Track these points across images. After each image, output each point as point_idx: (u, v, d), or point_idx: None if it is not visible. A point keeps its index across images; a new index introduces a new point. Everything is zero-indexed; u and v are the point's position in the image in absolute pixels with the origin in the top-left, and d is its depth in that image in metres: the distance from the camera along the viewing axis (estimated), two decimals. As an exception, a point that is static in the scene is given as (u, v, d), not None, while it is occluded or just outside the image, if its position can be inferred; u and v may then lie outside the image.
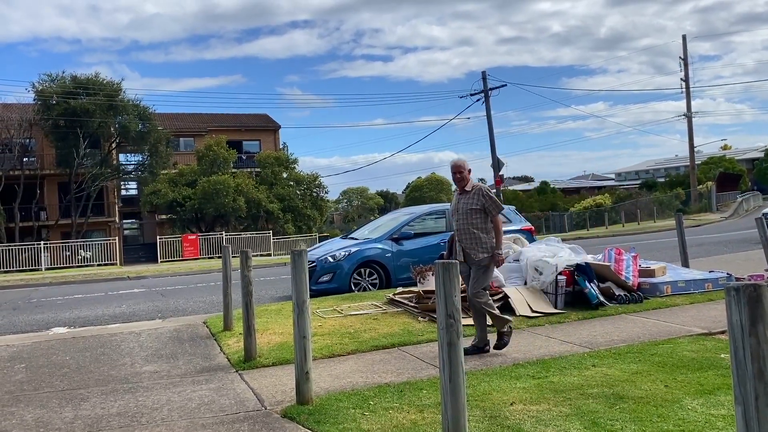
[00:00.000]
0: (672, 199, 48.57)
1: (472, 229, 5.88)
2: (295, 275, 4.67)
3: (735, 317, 2.02)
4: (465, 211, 5.93)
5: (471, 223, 5.89)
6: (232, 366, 6.00)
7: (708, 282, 8.54)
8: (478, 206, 5.90)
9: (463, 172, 6.05)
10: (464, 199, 5.99)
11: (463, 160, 6.16)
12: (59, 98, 33.03)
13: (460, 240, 5.99)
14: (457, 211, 6.03)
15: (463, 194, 6.03)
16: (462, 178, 6.04)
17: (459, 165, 6.08)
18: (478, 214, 5.91)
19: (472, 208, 5.90)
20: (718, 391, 4.33)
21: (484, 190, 6.01)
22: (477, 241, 5.87)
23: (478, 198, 5.93)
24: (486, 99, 31.32)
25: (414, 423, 4.05)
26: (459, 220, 6.00)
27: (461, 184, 6.06)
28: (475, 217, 5.91)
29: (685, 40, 44.90)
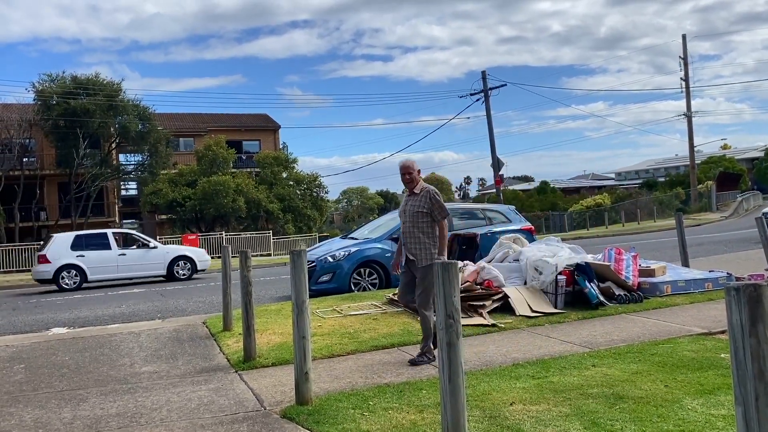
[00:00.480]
0: (672, 198, 48.57)
1: (417, 233, 5.70)
2: (295, 275, 4.66)
3: (735, 317, 2.01)
4: (411, 213, 5.74)
5: (417, 226, 5.71)
6: (231, 366, 6.00)
7: (708, 282, 8.54)
8: (425, 209, 5.71)
9: (411, 173, 5.83)
10: (412, 201, 5.80)
11: (412, 160, 5.93)
12: (59, 98, 33.02)
13: (405, 244, 5.81)
14: (404, 213, 5.85)
15: (412, 196, 5.83)
16: (411, 179, 5.82)
17: (407, 166, 5.85)
18: (425, 218, 5.71)
19: (418, 210, 5.71)
20: (718, 391, 4.32)
21: (431, 192, 5.79)
22: (422, 246, 5.68)
23: (425, 201, 5.72)
24: (486, 99, 31.30)
25: (414, 423, 4.04)
26: (405, 222, 5.81)
27: (410, 186, 5.85)
28: (421, 221, 5.71)
29: (685, 40, 44.92)
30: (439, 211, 5.71)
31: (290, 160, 40.18)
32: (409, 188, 5.88)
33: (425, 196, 5.75)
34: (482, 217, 12.37)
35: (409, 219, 5.77)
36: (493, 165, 30.85)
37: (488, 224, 12.06)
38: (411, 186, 5.84)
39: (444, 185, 68.78)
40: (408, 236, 5.77)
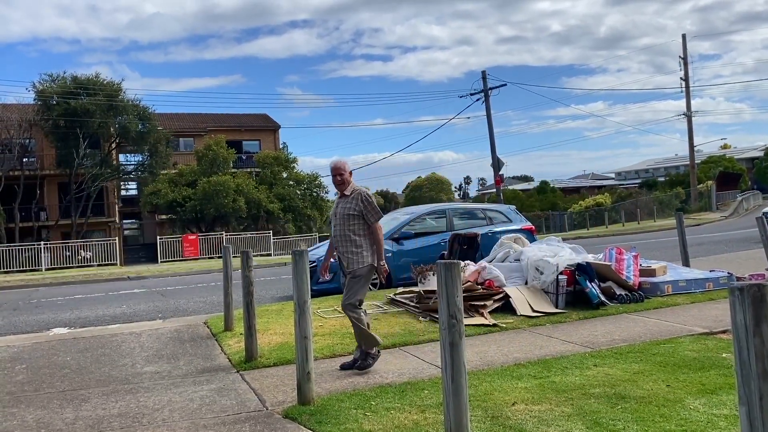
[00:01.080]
0: (672, 198, 48.59)
1: (350, 236, 5.49)
2: (296, 275, 4.66)
3: (739, 317, 2.02)
4: (343, 216, 5.52)
5: (349, 229, 5.49)
6: (233, 366, 6.00)
7: (709, 281, 8.54)
8: (356, 212, 5.48)
9: (343, 174, 5.58)
10: (343, 203, 5.57)
11: (344, 161, 5.70)
12: (59, 98, 33.04)
13: (337, 247, 5.62)
14: (335, 216, 5.63)
15: (343, 198, 5.61)
16: (342, 180, 5.58)
17: (338, 167, 5.60)
18: (356, 221, 5.50)
19: (350, 213, 5.49)
20: (720, 391, 4.32)
21: (363, 194, 5.57)
22: (354, 249, 5.48)
23: (357, 203, 5.50)
24: (486, 98, 31.30)
25: (416, 423, 4.04)
26: (336, 225, 5.59)
27: (341, 188, 5.62)
28: (352, 224, 5.50)
29: (685, 40, 44.90)
30: (372, 213, 5.51)
31: (290, 160, 40.19)
32: (340, 190, 5.65)
33: (356, 198, 5.52)
34: (483, 216, 12.37)
35: (339, 222, 5.55)
36: (493, 165, 30.85)
37: (489, 224, 12.06)
38: (342, 188, 5.62)
39: (444, 185, 68.79)
40: (340, 240, 5.55)
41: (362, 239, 5.50)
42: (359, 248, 5.49)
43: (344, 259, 5.54)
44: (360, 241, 5.49)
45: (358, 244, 5.48)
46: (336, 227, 5.60)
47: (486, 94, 31.27)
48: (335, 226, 5.62)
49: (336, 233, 5.60)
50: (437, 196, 62.73)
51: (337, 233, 5.57)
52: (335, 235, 5.61)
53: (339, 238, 5.56)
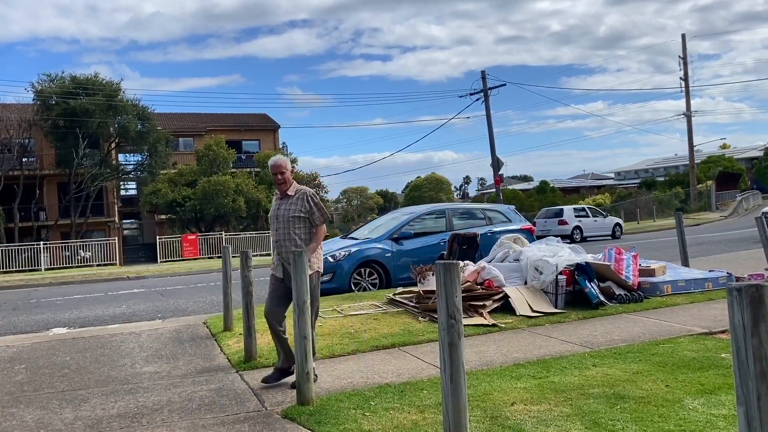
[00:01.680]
0: (671, 198, 48.62)
1: (296, 240, 5.14)
2: (295, 275, 4.66)
3: (737, 317, 2.02)
4: (287, 218, 5.17)
5: (294, 232, 5.15)
6: (232, 366, 6.00)
7: (708, 281, 8.55)
8: (303, 213, 5.18)
9: (284, 173, 5.24)
10: (286, 204, 5.22)
11: (284, 159, 5.37)
12: (58, 98, 33.04)
13: (279, 252, 5.21)
14: (277, 219, 5.24)
15: (285, 199, 5.26)
16: (284, 180, 5.24)
17: (279, 165, 5.26)
18: (302, 223, 5.18)
19: (295, 215, 5.15)
20: (719, 391, 4.33)
21: (309, 194, 5.26)
22: None
23: (303, 204, 5.19)
24: (485, 98, 31.31)
25: (415, 423, 4.05)
26: (279, 229, 5.20)
27: (283, 187, 5.28)
28: (298, 226, 5.17)
29: (685, 39, 44.93)
30: (320, 215, 5.23)
31: (290, 160, 40.14)
32: (281, 190, 5.30)
33: (302, 199, 5.21)
34: (482, 216, 12.38)
35: (283, 224, 5.19)
36: (492, 164, 30.86)
37: (488, 224, 12.07)
38: (284, 187, 5.28)
39: (443, 185, 68.75)
40: (283, 244, 5.18)
41: (309, 242, 5.21)
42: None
43: (287, 266, 5.13)
44: (307, 243, 5.18)
45: (305, 247, 5.12)
46: (279, 230, 5.21)
47: (485, 93, 31.28)
48: (277, 230, 5.23)
49: (279, 237, 5.21)
50: (437, 196, 62.71)
51: (281, 237, 5.19)
52: (278, 239, 5.21)
53: (283, 242, 5.18)
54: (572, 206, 30.03)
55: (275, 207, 5.34)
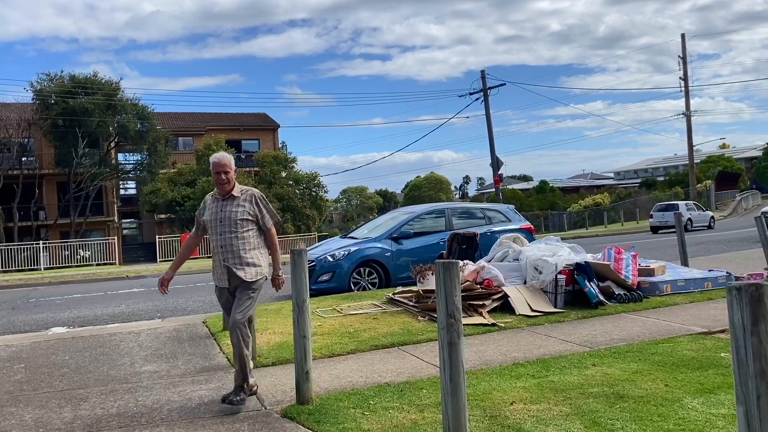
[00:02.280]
0: (671, 197, 48.64)
1: (244, 244, 4.74)
2: (295, 275, 4.66)
3: (737, 316, 2.02)
4: (232, 221, 4.74)
5: (241, 236, 4.74)
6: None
7: (707, 281, 8.55)
8: (251, 215, 4.79)
9: (229, 172, 4.81)
10: (230, 206, 4.79)
11: (229, 157, 4.91)
12: (58, 98, 33.05)
13: (224, 259, 4.75)
14: (220, 222, 4.77)
15: (229, 200, 4.82)
16: (227, 179, 4.80)
17: (224, 163, 4.81)
18: (250, 226, 4.79)
19: (244, 218, 4.75)
20: (719, 390, 4.33)
21: (257, 196, 4.88)
22: (247, 260, 4.73)
23: (251, 205, 4.81)
24: (485, 98, 31.31)
25: (414, 423, 4.04)
26: (223, 233, 4.75)
27: (226, 188, 4.82)
28: (246, 229, 4.77)
29: (684, 39, 44.92)
30: (270, 217, 4.87)
31: (289, 160, 40.18)
32: (224, 190, 4.83)
33: (250, 201, 4.83)
34: (482, 216, 12.38)
35: (228, 229, 4.75)
36: (492, 164, 30.86)
37: (488, 223, 12.07)
38: (227, 188, 4.82)
39: (443, 184, 68.78)
40: (228, 250, 4.74)
41: (257, 248, 4.82)
42: (254, 258, 4.79)
43: (234, 273, 4.73)
44: (255, 250, 4.80)
45: (252, 254, 4.78)
46: (222, 235, 4.76)
47: (485, 93, 31.28)
48: (221, 233, 4.76)
49: (223, 242, 4.75)
50: (436, 195, 62.73)
51: (225, 242, 4.74)
52: (222, 244, 4.75)
53: (227, 248, 4.74)
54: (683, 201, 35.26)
55: (216, 209, 4.83)
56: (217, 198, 4.87)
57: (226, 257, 4.74)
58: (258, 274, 4.76)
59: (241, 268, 4.73)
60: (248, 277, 4.72)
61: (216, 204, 4.85)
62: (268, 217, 4.86)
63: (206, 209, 4.92)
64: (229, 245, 4.74)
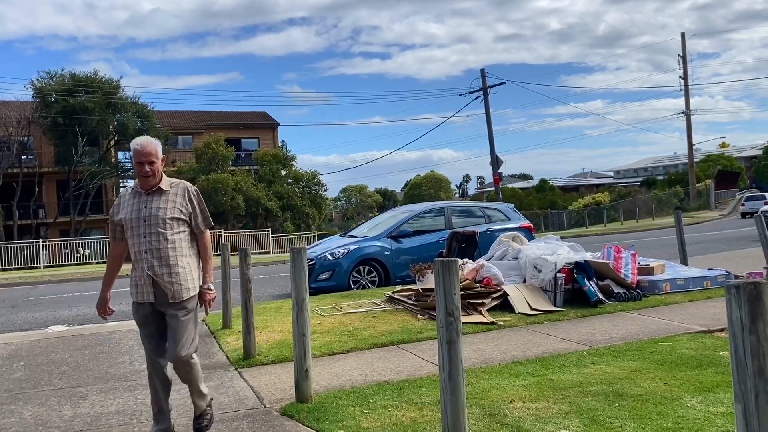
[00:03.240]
0: (671, 196, 48.70)
1: (170, 250, 3.83)
2: (295, 273, 4.66)
3: (735, 315, 2.02)
4: (160, 220, 3.82)
5: (171, 240, 3.83)
6: (231, 364, 6.00)
7: (707, 280, 8.55)
8: (184, 214, 3.91)
9: (155, 162, 3.89)
10: (158, 202, 3.87)
11: (156, 143, 3.98)
12: (58, 96, 33.06)
13: (149, 267, 3.82)
14: (144, 222, 3.83)
15: (155, 195, 3.90)
16: (153, 171, 3.87)
17: (148, 150, 3.88)
18: (183, 226, 3.92)
19: (174, 216, 3.86)
20: (717, 389, 4.33)
21: (192, 190, 4.02)
22: (180, 269, 3.85)
23: (184, 202, 3.93)
24: (485, 97, 31.31)
25: (413, 421, 4.05)
26: (148, 235, 3.82)
27: (151, 181, 3.88)
28: (179, 231, 3.88)
29: (684, 38, 44.97)
30: (204, 217, 4.03)
31: (289, 158, 40.17)
32: (148, 184, 3.90)
33: (182, 196, 3.95)
34: (481, 215, 12.39)
35: (155, 230, 3.82)
36: (492, 163, 30.87)
37: (487, 222, 12.08)
38: (152, 180, 3.89)
39: (443, 183, 68.75)
40: (155, 255, 3.81)
41: (189, 255, 3.95)
42: (188, 267, 3.91)
43: (162, 285, 3.83)
44: (188, 257, 3.93)
45: (186, 262, 3.90)
46: (147, 237, 3.83)
47: (485, 92, 31.28)
48: (145, 235, 3.83)
49: (148, 245, 3.82)
50: (436, 194, 62.72)
51: (150, 246, 3.82)
52: (147, 248, 3.82)
53: (153, 252, 3.81)
54: None
55: (138, 206, 3.89)
56: (139, 193, 3.93)
57: (152, 265, 3.81)
58: (194, 289, 3.92)
59: (172, 279, 3.82)
60: (183, 293, 3.85)
61: (138, 200, 3.91)
62: (202, 218, 4.01)
63: (123, 206, 3.94)
64: (156, 250, 3.81)
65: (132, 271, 3.96)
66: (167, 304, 3.86)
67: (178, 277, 3.85)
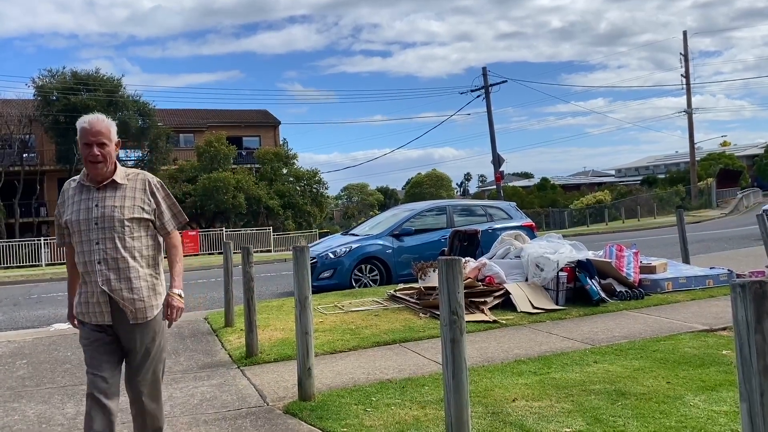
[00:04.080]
0: (672, 195, 48.64)
1: (130, 259, 3.10)
2: (297, 271, 4.67)
3: (740, 314, 2.02)
4: (116, 222, 3.07)
5: (128, 247, 3.10)
6: (233, 362, 6.01)
7: (709, 278, 8.55)
8: (145, 214, 3.16)
9: (107, 144, 3.09)
10: (111, 199, 3.11)
11: (108, 122, 3.16)
12: (59, 94, 33.06)
13: (103, 281, 3.05)
14: (95, 224, 3.07)
15: (108, 189, 3.12)
16: (105, 155, 3.08)
17: (97, 129, 3.08)
18: (144, 230, 3.18)
19: (133, 217, 3.12)
20: (720, 388, 4.33)
21: (154, 183, 3.27)
22: (141, 282, 3.14)
23: (144, 198, 3.18)
24: (486, 95, 31.29)
25: (416, 419, 4.05)
26: (100, 241, 3.05)
27: (101, 169, 3.09)
28: (138, 235, 3.15)
29: (686, 36, 44.90)
30: (171, 215, 3.29)
31: (290, 156, 40.17)
32: (99, 173, 3.10)
33: (142, 190, 3.19)
34: (483, 213, 12.39)
35: (109, 234, 3.06)
36: (493, 161, 30.86)
37: (489, 221, 12.07)
38: (103, 169, 3.10)
39: (444, 182, 68.71)
40: (111, 267, 3.07)
41: (156, 265, 3.27)
42: (153, 279, 3.22)
43: (121, 303, 3.09)
44: (151, 267, 3.22)
45: (149, 273, 3.20)
46: (99, 243, 3.06)
47: (486, 90, 31.26)
48: (97, 241, 3.06)
49: (100, 254, 3.06)
50: (437, 192, 62.70)
51: (106, 255, 3.06)
52: (99, 258, 3.05)
53: (108, 263, 3.06)
54: None
55: (87, 204, 3.12)
56: (87, 187, 3.14)
57: (107, 279, 3.06)
58: (156, 307, 3.20)
59: (134, 296, 3.11)
60: (147, 312, 3.15)
61: (87, 196, 3.13)
62: (170, 216, 3.29)
63: (69, 204, 3.18)
64: (113, 260, 3.07)
65: (80, 286, 3.17)
66: (127, 326, 3.12)
67: (140, 293, 3.12)
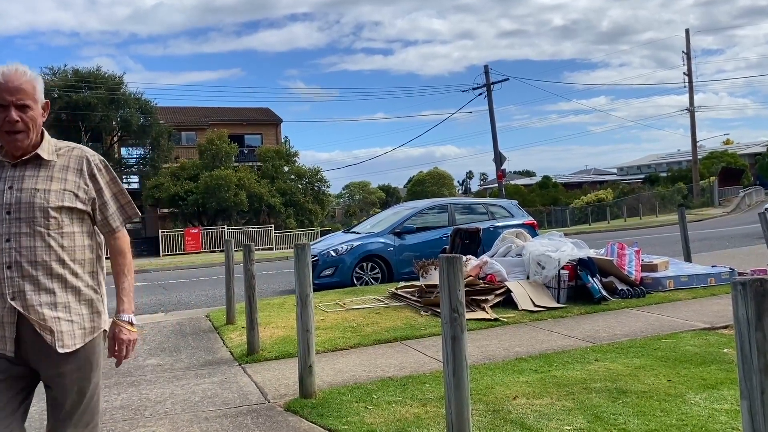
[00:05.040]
0: (674, 193, 48.57)
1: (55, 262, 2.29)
2: (299, 269, 4.67)
3: (741, 312, 2.01)
4: (36, 211, 2.28)
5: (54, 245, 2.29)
6: (235, 359, 6.01)
7: (711, 277, 8.54)
8: (80, 203, 2.36)
9: (30, 107, 2.30)
10: (33, 180, 2.31)
11: (34, 76, 2.31)
12: (61, 92, 33.04)
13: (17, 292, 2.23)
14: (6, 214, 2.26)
15: (29, 167, 2.33)
16: (27, 119, 2.29)
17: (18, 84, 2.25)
18: (76, 224, 2.37)
19: (62, 206, 2.31)
20: (721, 386, 4.33)
21: (96, 162, 2.44)
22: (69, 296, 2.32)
23: (79, 181, 2.37)
24: (488, 93, 31.27)
25: (417, 417, 4.05)
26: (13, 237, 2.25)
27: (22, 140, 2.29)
28: (67, 233, 2.33)
29: (688, 34, 44.78)
30: (120, 206, 2.51)
31: (291, 154, 40.17)
32: (16, 144, 2.30)
33: (77, 170, 2.38)
34: (484, 211, 12.38)
35: (25, 228, 2.26)
36: (495, 159, 30.84)
37: (491, 219, 12.07)
38: (25, 139, 2.30)
39: (446, 180, 68.70)
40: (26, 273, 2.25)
41: (93, 270, 2.42)
42: (88, 291, 2.38)
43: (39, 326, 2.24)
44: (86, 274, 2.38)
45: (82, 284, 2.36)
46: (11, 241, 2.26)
47: (488, 88, 31.24)
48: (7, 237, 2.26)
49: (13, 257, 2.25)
50: (439, 190, 62.69)
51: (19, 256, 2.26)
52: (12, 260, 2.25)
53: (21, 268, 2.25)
54: None
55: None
56: (1, 163, 2.35)
57: (19, 289, 2.25)
58: (95, 329, 2.38)
59: (59, 315, 2.29)
60: (77, 340, 2.32)
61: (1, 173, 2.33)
62: (116, 207, 2.48)
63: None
64: (30, 264, 2.26)
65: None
66: (47, 358, 2.27)
67: (68, 311, 2.30)
